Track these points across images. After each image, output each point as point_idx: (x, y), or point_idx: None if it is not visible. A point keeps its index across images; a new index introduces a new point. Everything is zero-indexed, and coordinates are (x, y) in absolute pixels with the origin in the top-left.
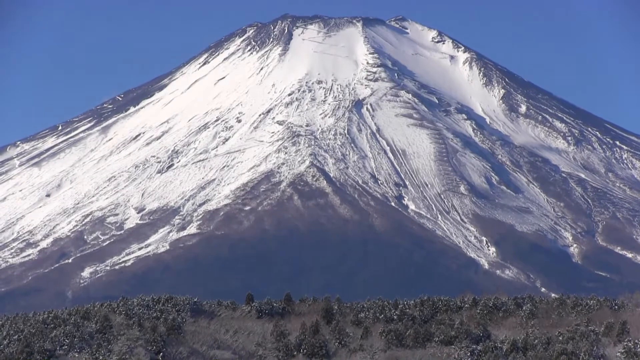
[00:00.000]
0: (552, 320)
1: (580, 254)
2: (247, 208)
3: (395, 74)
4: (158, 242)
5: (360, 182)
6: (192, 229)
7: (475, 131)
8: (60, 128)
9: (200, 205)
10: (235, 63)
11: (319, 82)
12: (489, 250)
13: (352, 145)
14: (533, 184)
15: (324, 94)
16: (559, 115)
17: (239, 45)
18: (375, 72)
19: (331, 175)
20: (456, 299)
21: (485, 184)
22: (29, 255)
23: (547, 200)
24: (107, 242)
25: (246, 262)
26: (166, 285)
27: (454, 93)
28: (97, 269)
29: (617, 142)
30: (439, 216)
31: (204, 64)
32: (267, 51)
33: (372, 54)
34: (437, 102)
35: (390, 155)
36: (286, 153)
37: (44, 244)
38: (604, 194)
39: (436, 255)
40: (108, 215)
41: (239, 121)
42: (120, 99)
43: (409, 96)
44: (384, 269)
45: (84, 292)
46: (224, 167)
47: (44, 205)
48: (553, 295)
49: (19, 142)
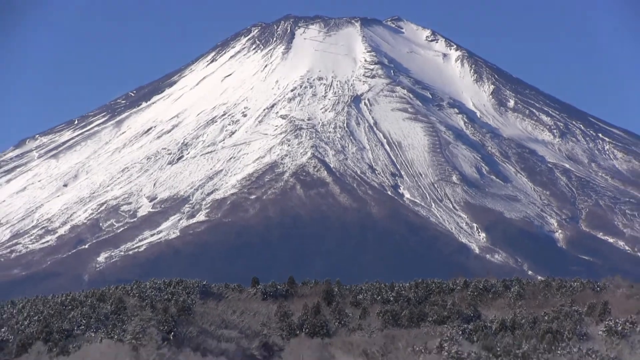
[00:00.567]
0: (538, 301)
1: (565, 239)
2: (252, 197)
3: (392, 71)
4: (169, 229)
5: (358, 172)
6: (200, 216)
7: (467, 124)
8: (76, 122)
9: (209, 194)
10: (241, 61)
11: (319, 78)
12: (479, 235)
13: (351, 137)
14: (521, 173)
15: (325, 89)
16: (545, 109)
17: (244, 44)
18: (372, 69)
19: (331, 166)
20: (448, 281)
21: (475, 173)
22: (47, 241)
23: (533, 189)
24: (121, 229)
25: (251, 248)
26: (177, 269)
27: (447, 89)
28: (112, 254)
29: (600, 135)
30: (433, 204)
31: (212, 61)
32: (271, 50)
33: (370, 52)
34: (430, 97)
35: (386, 147)
36: (289, 145)
37: (61, 231)
38: (587, 183)
39: (430, 240)
40: (122, 204)
41: (244, 115)
42: (132, 94)
43: (404, 92)
44: (381, 253)
45: (99, 275)
46: (230, 158)
47: (61, 195)
48: (539, 278)
49: (37, 136)
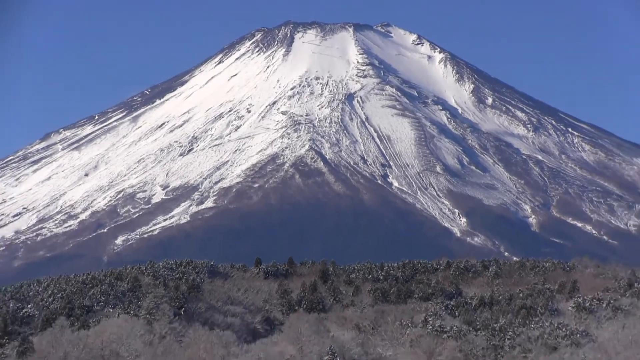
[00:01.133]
0: (513, 280)
1: (538, 223)
2: (255, 185)
3: (381, 72)
4: (180, 215)
5: (351, 163)
6: (209, 203)
7: (449, 120)
8: (96, 117)
9: (216, 183)
10: (245, 62)
11: (316, 78)
12: (460, 220)
13: (344, 132)
14: (498, 164)
15: (321, 88)
16: (520, 106)
17: (248, 47)
18: (364, 70)
19: (327, 158)
20: (433, 262)
21: (457, 164)
22: (70, 225)
23: (509, 178)
24: (137, 214)
25: (255, 231)
26: (187, 251)
27: (431, 87)
28: (129, 237)
29: (570, 129)
30: (419, 192)
31: (219, 63)
32: (273, 52)
33: (362, 54)
34: (417, 95)
35: (377, 140)
36: (289, 139)
37: (83, 216)
38: (558, 173)
39: (416, 225)
40: (138, 192)
41: (248, 111)
42: (147, 92)
43: (393, 90)
44: (371, 236)
45: (117, 257)
46: (236, 150)
47: (83, 184)
48: (514, 259)
49: (61, 130)
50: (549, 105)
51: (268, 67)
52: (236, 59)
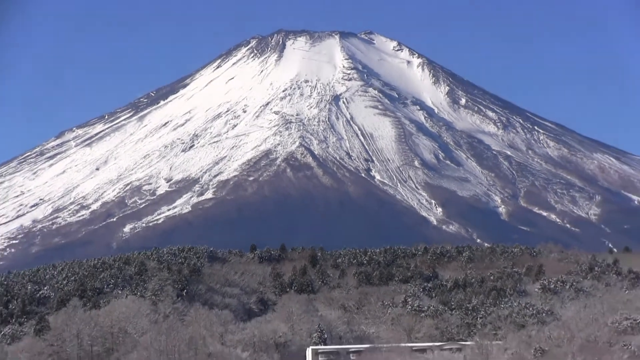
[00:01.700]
0: (485, 264)
1: (507, 213)
2: (250, 178)
3: (365, 75)
4: (182, 205)
5: (338, 158)
6: (208, 194)
7: (426, 119)
8: (106, 117)
9: (215, 176)
10: (241, 67)
11: (306, 81)
12: (436, 210)
13: (331, 130)
14: (471, 159)
15: (310, 90)
16: (491, 106)
17: (244, 53)
18: (349, 74)
19: (316, 153)
20: (411, 248)
21: (434, 159)
22: (82, 215)
23: (481, 171)
24: (143, 205)
25: (250, 220)
26: (188, 238)
27: (410, 89)
28: (135, 225)
29: (535, 127)
30: (399, 184)
31: (217, 67)
32: (266, 57)
33: (347, 59)
34: (397, 96)
35: (361, 137)
36: (281, 136)
37: (94, 207)
38: (525, 167)
39: (396, 214)
40: (144, 185)
41: (244, 111)
42: (152, 94)
43: (375, 92)
44: (356, 225)
45: (125, 243)
46: (233, 147)
47: (94, 177)
48: (486, 245)
49: (74, 128)
50: (517, 106)
51: (262, 71)
52: (233, 63)
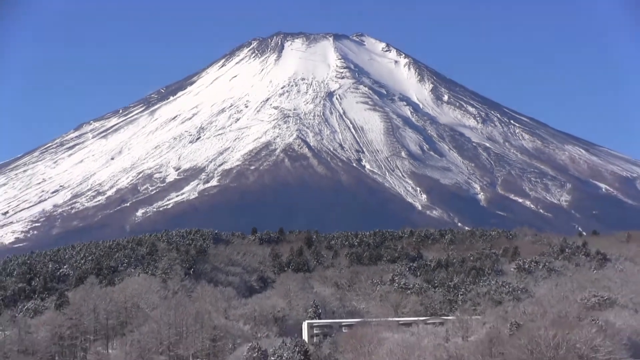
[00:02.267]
0: (465, 246)
1: (486, 199)
2: (252, 167)
3: (356, 74)
4: (190, 192)
5: (331, 149)
6: (213, 182)
7: (412, 113)
8: (120, 111)
9: (220, 165)
10: (243, 66)
11: (302, 79)
12: (421, 197)
13: (326, 123)
14: (453, 150)
15: (306, 87)
16: (471, 102)
17: (246, 53)
18: (342, 72)
19: (311, 145)
20: (398, 231)
21: (419, 150)
22: (98, 200)
23: (462, 162)
24: (154, 191)
25: (251, 206)
26: (195, 221)
27: (397, 87)
28: (147, 210)
29: (512, 121)
30: (387, 173)
31: (222, 66)
32: (266, 57)
33: (340, 59)
34: (385, 93)
35: (352, 130)
36: (280, 129)
37: (109, 193)
38: (502, 157)
39: (385, 200)
40: (155, 173)
41: (246, 107)
42: (163, 91)
43: (366, 89)
44: (348, 210)
45: (137, 226)
46: (235, 139)
47: (109, 166)
48: (466, 229)
49: (91, 121)
50: (495, 101)
51: (262, 69)
52: (236, 63)
